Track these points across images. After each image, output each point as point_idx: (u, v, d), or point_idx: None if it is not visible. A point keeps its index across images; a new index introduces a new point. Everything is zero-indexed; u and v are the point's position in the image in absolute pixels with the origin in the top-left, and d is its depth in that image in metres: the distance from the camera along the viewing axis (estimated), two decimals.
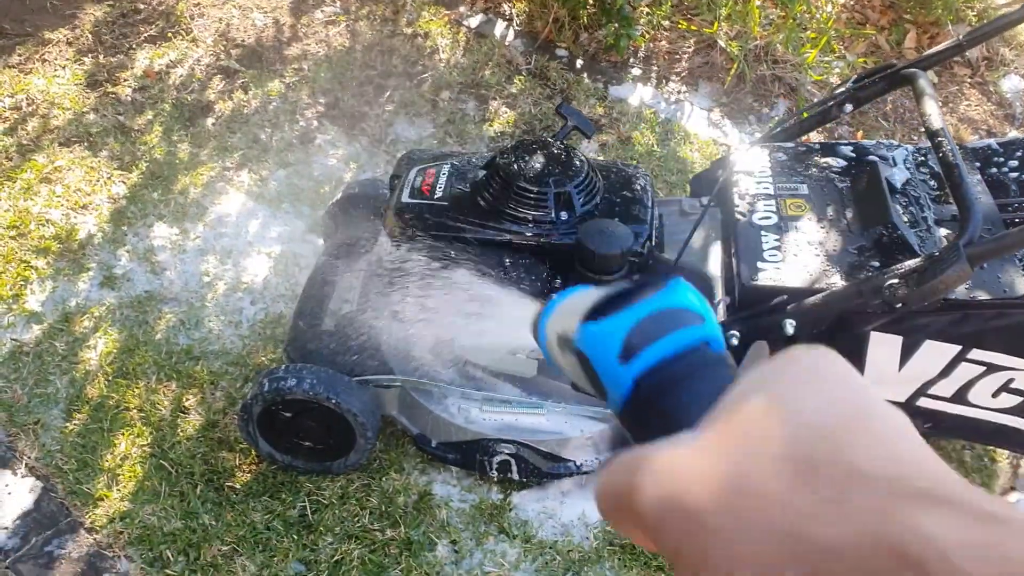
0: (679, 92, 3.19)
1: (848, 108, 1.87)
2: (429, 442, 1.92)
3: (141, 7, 3.30)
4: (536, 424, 1.85)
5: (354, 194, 2.22)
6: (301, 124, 2.90)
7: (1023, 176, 1.75)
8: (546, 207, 1.71)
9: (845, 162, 1.82)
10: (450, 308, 1.60)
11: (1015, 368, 1.56)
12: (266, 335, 2.26)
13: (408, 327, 1.73)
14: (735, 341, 1.58)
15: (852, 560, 0.26)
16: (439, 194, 1.77)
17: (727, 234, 1.75)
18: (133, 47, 3.14)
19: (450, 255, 1.68)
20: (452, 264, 1.64)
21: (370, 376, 1.84)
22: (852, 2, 3.53)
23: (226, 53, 3.14)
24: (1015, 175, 1.75)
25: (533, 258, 1.71)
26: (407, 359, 1.82)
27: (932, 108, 1.53)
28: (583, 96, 3.08)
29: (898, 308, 1.43)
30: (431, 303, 1.65)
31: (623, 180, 1.86)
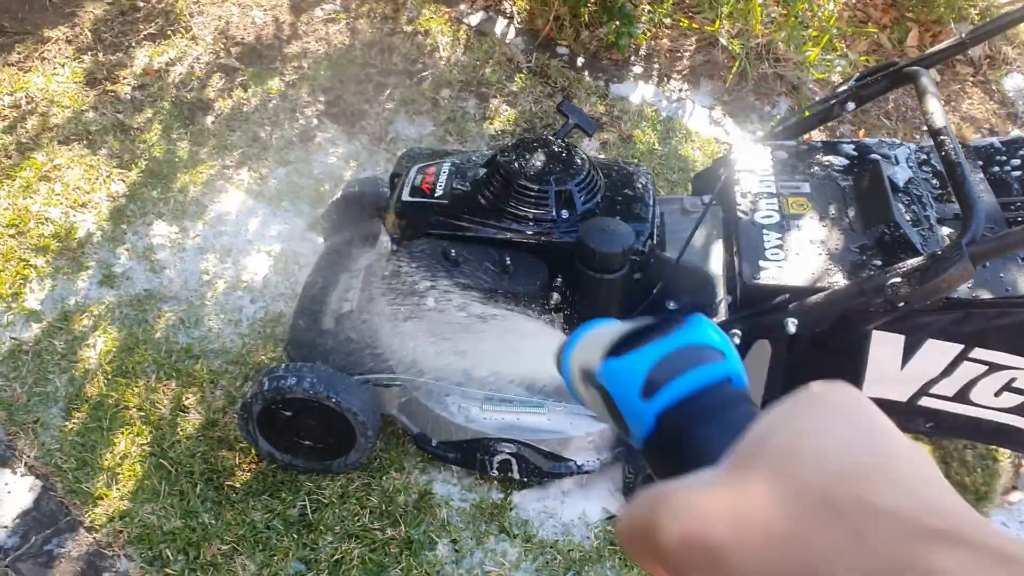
0: (680, 90, 3.18)
1: (850, 106, 1.87)
2: (429, 441, 1.92)
3: (141, 5, 3.30)
4: (537, 423, 1.84)
5: (354, 192, 2.21)
6: (301, 122, 2.90)
7: None
8: (547, 205, 1.70)
9: (847, 160, 1.82)
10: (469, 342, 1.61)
11: (1017, 367, 1.56)
12: (266, 334, 2.25)
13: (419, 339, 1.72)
14: (737, 340, 1.57)
15: None
16: (440, 192, 1.76)
17: (729, 233, 1.75)
18: (132, 45, 3.13)
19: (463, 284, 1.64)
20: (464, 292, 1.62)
21: (370, 375, 1.84)
22: (854, 0, 3.52)
23: (226, 51, 3.13)
24: (1017, 174, 1.74)
25: (534, 256, 1.71)
26: (413, 363, 1.81)
27: (934, 106, 1.52)
28: (584, 94, 3.08)
29: (900, 307, 1.43)
30: (449, 333, 1.64)
31: (624, 178, 1.86)
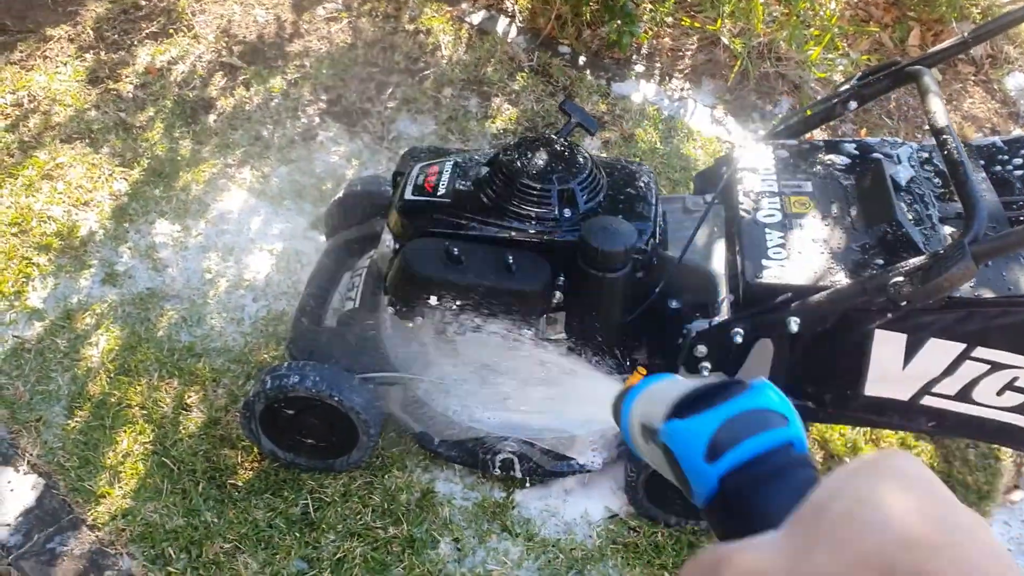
0: (682, 89, 3.18)
1: (852, 105, 1.87)
2: (432, 440, 1.92)
3: (143, 3, 3.30)
4: (539, 422, 1.84)
5: (356, 191, 2.21)
6: (303, 121, 2.90)
7: None
8: (550, 204, 1.70)
9: (849, 159, 1.82)
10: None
11: (1019, 366, 1.56)
12: (268, 332, 2.25)
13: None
14: (739, 339, 1.57)
15: None
16: (442, 191, 1.76)
17: (731, 231, 1.75)
18: (135, 44, 3.13)
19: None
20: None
21: (373, 374, 1.84)
22: None
23: (228, 50, 3.13)
24: (1020, 173, 1.74)
25: (536, 255, 1.71)
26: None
27: (936, 105, 1.52)
28: (586, 93, 3.08)
29: (903, 306, 1.43)
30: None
31: (627, 177, 1.85)
